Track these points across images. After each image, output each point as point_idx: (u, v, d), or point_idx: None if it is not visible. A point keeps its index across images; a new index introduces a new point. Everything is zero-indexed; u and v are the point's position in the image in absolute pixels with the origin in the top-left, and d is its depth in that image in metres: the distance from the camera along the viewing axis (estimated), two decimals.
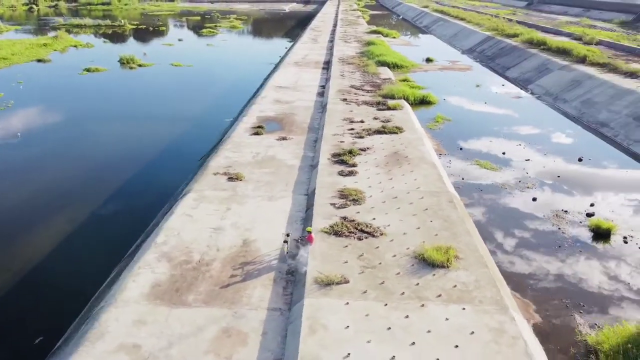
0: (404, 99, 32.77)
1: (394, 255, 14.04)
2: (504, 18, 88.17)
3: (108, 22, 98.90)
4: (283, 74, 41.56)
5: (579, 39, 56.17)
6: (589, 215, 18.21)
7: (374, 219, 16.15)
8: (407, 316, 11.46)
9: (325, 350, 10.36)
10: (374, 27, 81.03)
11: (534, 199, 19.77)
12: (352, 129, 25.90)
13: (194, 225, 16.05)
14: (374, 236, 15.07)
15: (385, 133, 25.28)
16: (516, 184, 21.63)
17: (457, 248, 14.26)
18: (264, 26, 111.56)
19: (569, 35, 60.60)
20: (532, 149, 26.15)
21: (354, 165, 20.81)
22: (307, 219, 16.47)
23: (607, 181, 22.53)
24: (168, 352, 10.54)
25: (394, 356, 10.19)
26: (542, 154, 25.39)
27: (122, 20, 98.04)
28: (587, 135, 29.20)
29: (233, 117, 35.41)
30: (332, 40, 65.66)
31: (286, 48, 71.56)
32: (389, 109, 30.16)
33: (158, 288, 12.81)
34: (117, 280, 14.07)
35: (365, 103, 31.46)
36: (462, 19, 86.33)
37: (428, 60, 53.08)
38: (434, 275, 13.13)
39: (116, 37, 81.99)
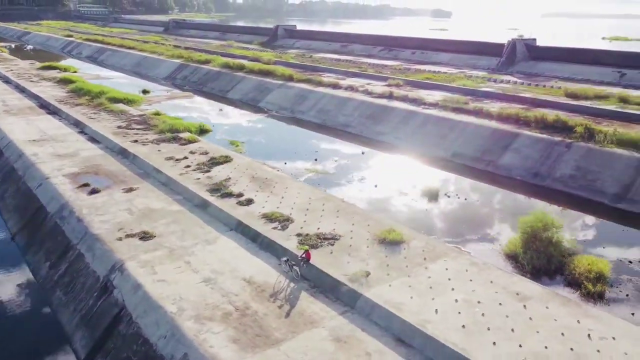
0: (187, 131, 34.34)
1: (367, 247, 17.92)
2: (169, 44, 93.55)
3: None
4: (15, 127, 35.69)
5: (256, 60, 66.76)
6: (414, 186, 26.11)
7: (319, 228, 19.32)
8: (429, 277, 15.91)
9: (419, 315, 13.86)
10: (39, 63, 73.03)
11: (376, 186, 26.43)
12: (187, 166, 26.69)
13: (180, 286, 15.66)
14: (337, 239, 18.41)
15: (221, 163, 27.22)
16: (350, 181, 27.94)
17: (394, 228, 19.19)
18: None
19: (243, 57, 70.93)
20: (331, 153, 32.97)
21: (241, 195, 22.66)
22: (268, 246, 18.18)
23: (394, 166, 31.34)
24: None
25: (456, 299, 14.63)
26: (339, 156, 32.49)
27: None
28: (342, 136, 37.83)
29: None
30: (8, 81, 57.20)
31: None
32: (189, 142, 31.50)
33: (240, 341, 13.15)
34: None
35: (160, 141, 31.68)
36: (130, 48, 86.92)
37: (144, 92, 53.63)
38: (404, 249, 17.78)
39: None
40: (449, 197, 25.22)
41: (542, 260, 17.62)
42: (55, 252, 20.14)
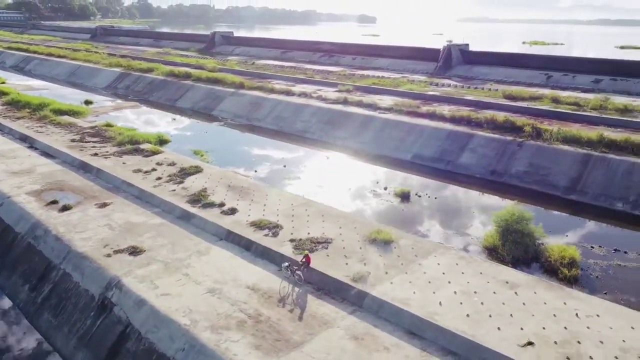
0: (147, 142, 33.58)
1: (360, 248, 18.66)
2: (102, 52, 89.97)
3: None
4: None
5: (200, 67, 65.94)
6: (385, 188, 27.20)
7: (309, 233, 19.83)
8: (424, 272, 16.89)
9: (425, 308, 14.77)
10: None
11: (349, 189, 27.23)
12: (159, 178, 26.22)
13: (186, 298, 15.64)
14: (329, 242, 19.01)
15: (193, 174, 26.97)
16: (322, 186, 28.61)
17: (381, 229, 20.08)
18: None
19: (186, 65, 69.85)
20: (297, 159, 33.51)
21: (223, 204, 22.68)
22: (263, 254, 18.43)
23: (357, 171, 32.33)
24: None
25: (455, 291, 15.69)
26: (306, 162, 33.12)
27: None
28: (302, 142, 38.33)
29: None
30: None
31: None
32: (153, 153, 30.86)
33: (262, 347, 13.44)
34: None
35: (122, 153, 30.81)
36: (61, 57, 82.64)
37: (87, 102, 51.51)
38: (395, 247, 18.69)
39: None
40: (419, 196, 26.54)
41: (520, 251, 19.20)
42: (34, 274, 19.25)
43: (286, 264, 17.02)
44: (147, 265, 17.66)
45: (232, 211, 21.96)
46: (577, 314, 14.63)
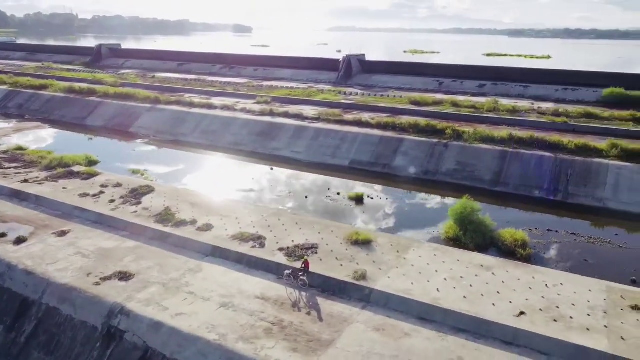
0: (77, 164, 31.75)
1: (346, 249, 20.04)
2: None
3: None
4: None
5: (99, 82, 62.50)
6: (338, 193, 28.80)
7: (293, 241, 20.75)
8: (412, 265, 18.77)
9: (428, 295, 16.61)
10: None
11: (306, 197, 28.32)
12: (112, 201, 25.20)
13: (203, 315, 15.85)
14: (316, 247, 20.12)
15: (147, 193, 26.24)
16: (280, 195, 29.29)
17: (357, 231, 21.64)
18: None
19: (82, 80, 65.64)
20: (242, 172, 33.69)
21: (195, 221, 22.63)
22: (256, 264, 19.04)
23: (305, 178, 33.50)
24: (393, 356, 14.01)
25: (445, 278, 17.75)
26: (252, 175, 33.29)
27: None
28: (238, 155, 38.42)
29: None
30: None
31: None
32: (90, 175, 29.36)
33: (299, 350, 14.28)
34: None
35: (56, 177, 28.87)
36: None
37: None
38: (377, 246, 20.36)
39: None
40: (372, 199, 28.57)
41: (479, 238, 21.92)
42: (7, 314, 17.89)
43: (288, 271, 17.86)
44: (145, 288, 17.39)
45: (208, 227, 22.06)
46: (546, 285, 17.42)
